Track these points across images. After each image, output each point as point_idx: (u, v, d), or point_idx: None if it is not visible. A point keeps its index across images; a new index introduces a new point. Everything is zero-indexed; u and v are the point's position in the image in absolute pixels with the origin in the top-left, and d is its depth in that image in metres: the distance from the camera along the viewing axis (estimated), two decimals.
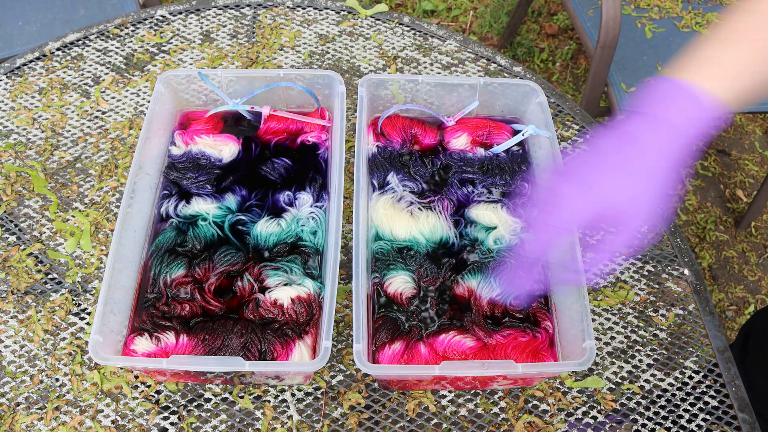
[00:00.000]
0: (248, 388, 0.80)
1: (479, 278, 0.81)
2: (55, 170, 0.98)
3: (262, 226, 0.84)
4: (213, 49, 1.12)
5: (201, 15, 1.17)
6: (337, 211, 0.79)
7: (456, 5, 2.27)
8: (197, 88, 0.94)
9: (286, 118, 0.94)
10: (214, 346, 0.75)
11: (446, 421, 0.79)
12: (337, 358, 0.83)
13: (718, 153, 1.98)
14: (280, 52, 1.12)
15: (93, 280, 0.88)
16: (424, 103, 0.96)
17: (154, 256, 0.82)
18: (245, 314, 0.78)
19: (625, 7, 1.57)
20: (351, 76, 1.10)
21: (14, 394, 0.79)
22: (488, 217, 0.86)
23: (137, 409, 0.79)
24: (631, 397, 0.82)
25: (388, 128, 0.93)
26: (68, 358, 0.82)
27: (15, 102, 1.05)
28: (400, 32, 1.16)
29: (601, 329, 0.87)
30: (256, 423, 0.78)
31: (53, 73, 1.09)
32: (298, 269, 0.81)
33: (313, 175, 0.89)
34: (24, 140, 1.01)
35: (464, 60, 1.13)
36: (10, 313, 0.85)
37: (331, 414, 0.79)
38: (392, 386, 0.80)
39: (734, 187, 1.91)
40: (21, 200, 0.95)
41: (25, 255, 0.90)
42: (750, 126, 2.05)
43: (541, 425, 0.79)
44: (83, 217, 0.93)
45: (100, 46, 1.13)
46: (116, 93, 1.06)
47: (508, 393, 0.81)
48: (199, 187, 0.88)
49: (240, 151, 0.91)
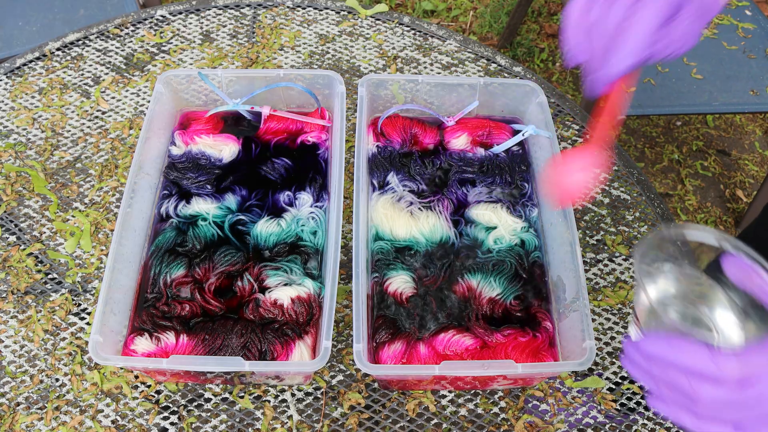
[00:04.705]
0: (248, 388, 0.81)
1: (479, 278, 0.81)
2: (55, 170, 0.98)
3: (262, 226, 0.84)
4: (213, 49, 1.12)
5: (201, 15, 1.17)
6: (337, 211, 0.79)
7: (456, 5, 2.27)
8: (197, 88, 0.94)
9: (286, 118, 0.94)
10: (214, 346, 0.75)
11: (446, 421, 0.79)
12: (337, 358, 0.83)
13: (718, 153, 1.98)
14: (280, 52, 1.12)
15: (93, 280, 0.88)
16: (424, 103, 0.96)
17: (154, 256, 0.82)
18: (245, 314, 0.78)
19: None
20: (351, 76, 1.10)
21: (14, 394, 0.79)
22: (488, 217, 0.86)
23: (137, 409, 0.79)
24: (631, 397, 0.82)
25: (388, 128, 0.93)
26: (68, 358, 0.82)
27: (15, 102, 1.05)
28: (400, 32, 1.16)
29: (601, 329, 0.87)
30: (256, 423, 0.78)
31: (53, 73, 1.09)
32: (298, 269, 0.81)
33: (313, 175, 0.89)
34: (24, 140, 1.01)
35: (464, 60, 1.13)
36: (10, 313, 0.85)
37: (331, 414, 0.79)
38: (392, 386, 0.80)
39: (734, 187, 1.91)
40: (21, 200, 0.95)
41: (25, 255, 0.90)
42: (750, 126, 2.05)
43: (541, 425, 0.79)
44: (83, 217, 0.93)
45: (100, 46, 1.13)
46: (116, 93, 1.06)
47: (508, 393, 0.81)
48: (199, 187, 0.88)
49: (240, 151, 0.91)
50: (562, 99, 1.08)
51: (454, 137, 0.93)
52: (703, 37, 1.54)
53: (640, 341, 0.51)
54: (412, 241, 0.84)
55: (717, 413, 0.48)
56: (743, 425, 0.48)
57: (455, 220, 0.87)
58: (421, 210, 0.86)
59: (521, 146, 0.94)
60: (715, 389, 0.47)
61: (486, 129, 0.94)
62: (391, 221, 0.85)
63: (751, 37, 1.54)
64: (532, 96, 0.93)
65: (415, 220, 0.85)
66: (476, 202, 0.88)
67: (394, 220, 0.85)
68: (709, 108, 1.44)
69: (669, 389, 0.50)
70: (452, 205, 0.88)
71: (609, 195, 0.98)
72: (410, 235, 0.84)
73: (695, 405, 0.49)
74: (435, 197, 0.88)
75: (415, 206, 0.87)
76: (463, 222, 0.86)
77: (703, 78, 1.47)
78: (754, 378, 0.47)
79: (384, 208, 0.86)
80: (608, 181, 0.99)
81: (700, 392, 0.48)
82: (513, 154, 0.93)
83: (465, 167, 0.91)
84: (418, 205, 0.87)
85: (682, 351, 0.48)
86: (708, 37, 1.54)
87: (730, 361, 0.47)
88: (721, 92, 1.45)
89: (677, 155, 1.95)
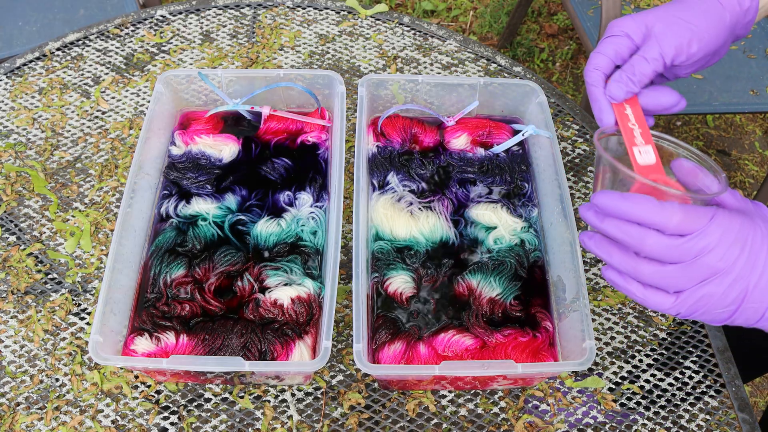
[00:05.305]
0: (248, 388, 0.81)
1: (479, 278, 0.81)
2: (55, 170, 0.98)
3: (262, 226, 0.84)
4: (213, 49, 1.12)
5: (201, 15, 1.17)
6: (337, 211, 0.79)
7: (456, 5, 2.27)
8: (197, 88, 0.94)
9: (286, 118, 0.94)
10: (214, 346, 0.75)
11: (446, 421, 0.79)
12: (337, 358, 0.83)
13: (718, 153, 1.98)
14: (280, 52, 1.12)
15: (93, 280, 0.88)
16: (424, 103, 0.96)
17: (154, 256, 0.82)
18: (245, 314, 0.78)
19: (625, 7, 1.57)
20: (351, 76, 1.10)
21: (14, 394, 0.79)
22: (488, 217, 0.86)
23: (137, 409, 0.79)
24: (631, 397, 0.82)
25: (388, 128, 0.93)
26: (68, 358, 0.82)
27: (15, 102, 1.05)
28: (400, 32, 1.16)
29: (601, 329, 0.87)
30: (256, 423, 0.78)
31: (53, 73, 1.09)
32: (298, 269, 0.81)
33: (313, 175, 0.89)
34: (24, 140, 1.01)
35: (464, 60, 1.13)
36: (10, 313, 0.85)
37: (331, 414, 0.79)
38: (392, 386, 0.80)
39: (734, 187, 1.91)
40: (21, 200, 0.95)
41: (25, 255, 0.90)
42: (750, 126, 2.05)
43: (541, 425, 0.79)
44: (83, 217, 0.93)
45: (100, 46, 1.13)
46: (116, 93, 1.06)
47: (508, 393, 0.81)
48: (199, 187, 0.88)
49: (240, 151, 0.91)
50: (562, 99, 1.08)
51: (454, 137, 0.93)
52: None
53: (595, 194, 0.55)
54: (412, 241, 0.84)
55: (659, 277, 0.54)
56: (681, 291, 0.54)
57: (455, 220, 0.87)
58: (421, 210, 0.86)
59: (521, 146, 0.94)
60: (659, 237, 0.52)
61: (486, 129, 0.94)
62: (391, 221, 0.85)
63: (751, 37, 1.54)
64: (532, 96, 0.93)
65: (415, 220, 0.85)
66: (476, 202, 0.88)
67: (394, 220, 0.85)
68: (709, 108, 1.44)
69: (618, 255, 0.55)
70: (452, 205, 0.88)
71: None
72: (410, 235, 0.84)
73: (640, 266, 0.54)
74: (435, 197, 0.88)
75: (415, 206, 0.87)
76: (463, 222, 0.86)
77: (703, 78, 1.48)
78: (692, 230, 0.52)
79: (384, 208, 0.86)
80: None
81: (646, 241, 0.52)
82: (513, 154, 0.93)
83: (465, 167, 0.91)
84: (418, 205, 0.87)
85: (632, 200, 0.53)
86: None
87: (674, 208, 0.52)
88: (721, 92, 1.45)
89: None
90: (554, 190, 0.84)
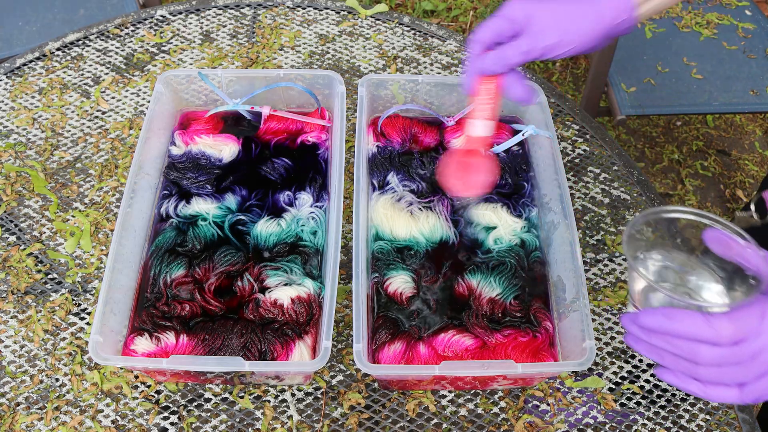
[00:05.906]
0: (248, 388, 0.81)
1: (479, 278, 0.81)
2: (55, 170, 0.98)
3: (262, 226, 0.84)
4: (213, 49, 1.12)
5: (201, 15, 1.17)
6: (337, 211, 0.79)
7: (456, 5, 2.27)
8: (197, 88, 0.94)
9: (286, 118, 0.94)
10: (214, 346, 0.75)
11: (446, 421, 0.79)
12: (337, 358, 0.83)
13: (718, 153, 1.98)
14: (280, 52, 1.12)
15: (93, 280, 0.88)
16: (424, 103, 0.96)
17: (154, 256, 0.82)
18: (245, 314, 0.78)
19: None
20: (351, 76, 1.10)
21: (14, 394, 0.79)
22: (488, 217, 0.86)
23: (137, 409, 0.79)
24: (631, 397, 0.82)
25: (388, 128, 0.93)
26: (68, 358, 0.82)
27: (15, 102, 1.05)
28: (400, 32, 1.16)
29: (601, 329, 0.87)
30: (256, 423, 0.78)
31: (53, 73, 1.09)
32: (298, 269, 0.81)
33: (313, 175, 0.89)
34: (24, 140, 1.01)
35: (464, 60, 1.12)
36: (10, 313, 0.85)
37: (331, 414, 0.79)
38: (392, 386, 0.80)
39: (734, 187, 1.91)
40: (21, 200, 0.95)
41: (25, 255, 0.90)
42: (750, 126, 2.05)
43: (541, 425, 0.79)
44: (83, 217, 0.93)
45: (100, 46, 1.13)
46: (116, 93, 1.06)
47: (508, 393, 0.81)
48: (199, 187, 0.88)
49: (240, 151, 0.91)
50: (562, 99, 1.08)
51: (454, 137, 0.93)
52: (702, 37, 1.54)
53: (637, 314, 0.55)
54: (412, 241, 0.84)
55: (719, 376, 0.52)
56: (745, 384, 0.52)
57: (455, 220, 0.87)
58: (421, 210, 0.86)
59: (521, 146, 0.94)
60: (712, 350, 0.51)
61: None
62: (391, 221, 0.85)
63: (751, 37, 1.54)
64: (532, 96, 0.92)
65: (415, 220, 0.85)
66: (476, 202, 0.88)
67: (394, 220, 0.85)
68: (709, 108, 1.44)
69: (671, 358, 0.54)
70: (452, 205, 0.88)
71: (609, 195, 0.98)
72: (410, 235, 0.84)
73: (697, 369, 0.52)
74: (435, 197, 0.88)
75: (415, 206, 0.87)
76: (463, 222, 0.86)
77: (703, 78, 1.47)
78: (746, 335, 0.51)
79: (384, 208, 0.86)
80: (608, 181, 0.99)
81: (700, 354, 0.51)
82: (513, 154, 0.93)
83: None
84: (418, 205, 0.87)
85: (677, 319, 0.52)
86: (708, 37, 1.54)
87: (723, 322, 0.51)
88: (721, 92, 1.45)
89: (677, 155, 1.96)
90: (554, 190, 0.84)
